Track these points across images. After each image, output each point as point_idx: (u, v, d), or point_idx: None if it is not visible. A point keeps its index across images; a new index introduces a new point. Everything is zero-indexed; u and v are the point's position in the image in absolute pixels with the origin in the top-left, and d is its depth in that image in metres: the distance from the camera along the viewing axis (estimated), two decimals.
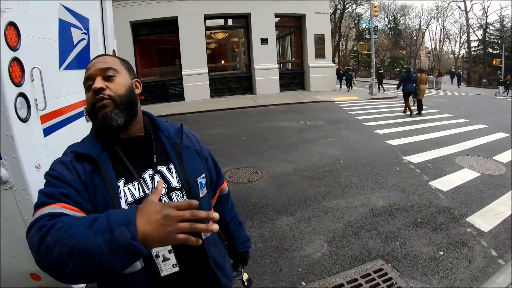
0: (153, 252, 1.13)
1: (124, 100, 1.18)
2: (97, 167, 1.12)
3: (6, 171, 1.98)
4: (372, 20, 22.41)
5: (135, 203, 1.14)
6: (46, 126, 2.38)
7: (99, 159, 1.13)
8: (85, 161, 1.13)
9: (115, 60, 1.24)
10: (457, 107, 15.58)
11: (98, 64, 1.19)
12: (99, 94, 1.14)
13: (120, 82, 1.19)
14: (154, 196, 0.93)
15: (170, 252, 1.16)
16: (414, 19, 61.67)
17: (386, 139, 8.60)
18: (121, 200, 1.13)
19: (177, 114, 13.55)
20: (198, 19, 17.29)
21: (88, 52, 3.40)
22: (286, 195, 5.17)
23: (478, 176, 5.88)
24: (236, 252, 1.64)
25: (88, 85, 1.17)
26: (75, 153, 1.15)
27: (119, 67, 1.22)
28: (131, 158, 1.21)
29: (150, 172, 1.22)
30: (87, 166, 1.12)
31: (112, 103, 1.15)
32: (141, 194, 1.16)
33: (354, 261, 3.49)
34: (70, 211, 0.99)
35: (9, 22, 1.94)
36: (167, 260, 1.15)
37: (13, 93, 1.96)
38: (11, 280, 2.24)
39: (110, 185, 1.11)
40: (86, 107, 1.19)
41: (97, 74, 1.17)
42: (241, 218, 1.69)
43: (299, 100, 16.46)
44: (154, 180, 1.21)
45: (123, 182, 1.16)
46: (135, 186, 1.17)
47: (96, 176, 1.12)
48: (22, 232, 2.00)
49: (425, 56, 64.14)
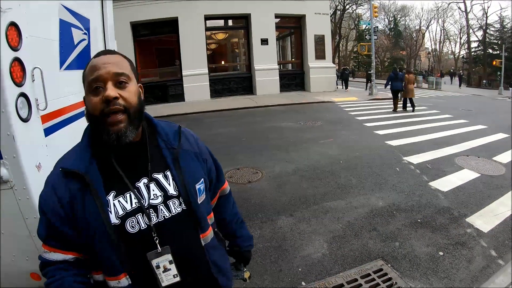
0: (153, 263, 1.13)
1: (136, 111, 1.14)
2: (85, 184, 1.10)
3: (6, 170, 1.98)
4: (372, 20, 22.46)
5: (127, 215, 1.12)
6: (47, 126, 2.38)
7: (86, 175, 1.10)
8: (71, 178, 1.11)
9: (126, 63, 1.17)
10: (456, 107, 15.59)
11: (110, 67, 1.10)
12: (114, 105, 1.07)
13: (132, 90, 1.14)
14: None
15: (171, 263, 1.15)
16: (414, 20, 61.90)
17: (386, 140, 8.61)
18: (111, 214, 1.10)
19: (177, 114, 13.56)
20: (198, 19, 17.30)
21: (89, 52, 3.40)
22: (286, 196, 5.17)
23: (478, 177, 5.88)
24: (239, 251, 1.62)
25: (95, 87, 1.09)
26: (63, 170, 1.12)
27: (130, 72, 1.15)
28: (125, 166, 1.16)
29: (145, 180, 1.18)
30: (73, 184, 1.11)
31: (126, 117, 1.10)
32: (133, 205, 1.13)
33: (354, 262, 3.49)
34: (57, 254, 1.15)
35: (10, 22, 1.94)
36: (168, 270, 1.15)
37: (14, 93, 1.96)
38: (11, 279, 2.24)
39: (99, 200, 1.09)
40: (90, 111, 1.11)
41: (109, 79, 1.09)
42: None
43: (299, 100, 16.50)
44: (150, 189, 1.17)
45: (113, 195, 1.13)
46: (126, 198, 1.13)
47: (85, 192, 1.10)
48: (22, 232, 2.04)
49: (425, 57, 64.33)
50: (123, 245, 1.10)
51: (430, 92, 27.00)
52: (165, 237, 1.15)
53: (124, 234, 1.10)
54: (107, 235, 1.07)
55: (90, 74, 1.10)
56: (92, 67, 1.11)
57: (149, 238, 1.12)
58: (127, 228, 1.11)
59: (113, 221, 1.10)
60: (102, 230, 1.08)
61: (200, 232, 1.24)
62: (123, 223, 1.11)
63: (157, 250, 1.13)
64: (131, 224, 1.12)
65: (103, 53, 1.17)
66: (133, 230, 1.11)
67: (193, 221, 1.22)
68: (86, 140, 1.18)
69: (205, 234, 1.26)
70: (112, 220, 1.10)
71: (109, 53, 1.18)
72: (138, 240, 1.12)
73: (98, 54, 1.17)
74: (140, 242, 1.12)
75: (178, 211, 1.19)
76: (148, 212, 1.14)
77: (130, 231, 1.11)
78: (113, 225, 1.09)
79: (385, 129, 10.02)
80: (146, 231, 1.12)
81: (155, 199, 1.17)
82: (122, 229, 1.10)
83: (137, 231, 1.12)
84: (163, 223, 1.16)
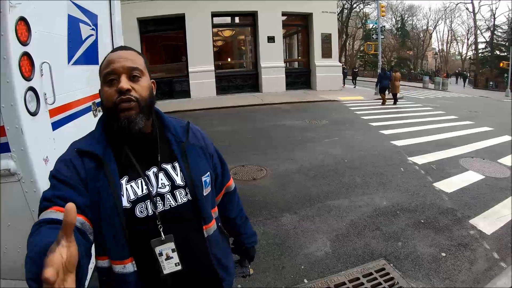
0: (156, 251, 1.15)
1: (147, 103, 1.19)
2: (100, 164, 1.13)
3: (14, 163, 2.01)
4: (379, 20, 22.39)
5: (138, 200, 1.15)
6: (54, 120, 2.41)
7: (103, 157, 1.14)
8: (87, 158, 1.14)
9: (141, 60, 1.23)
10: (462, 109, 15.48)
11: (125, 61, 1.16)
12: (126, 95, 1.13)
13: (144, 84, 1.19)
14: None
15: (173, 251, 1.17)
16: (421, 20, 61.62)
17: (391, 140, 8.59)
18: (123, 198, 1.14)
19: (183, 111, 13.59)
20: (205, 16, 17.29)
21: (96, 48, 3.42)
22: (290, 194, 5.18)
23: (483, 179, 5.86)
24: (243, 248, 1.64)
25: (110, 79, 1.15)
26: (79, 150, 1.15)
27: (143, 67, 1.21)
28: (137, 155, 1.21)
29: (155, 169, 1.22)
30: (89, 163, 1.13)
31: (137, 106, 1.15)
32: (144, 191, 1.17)
33: (357, 260, 3.50)
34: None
35: (19, 17, 1.97)
36: (170, 258, 1.17)
37: (23, 87, 1.99)
38: (17, 272, 2.27)
39: (113, 182, 1.12)
40: (104, 102, 1.17)
41: (123, 72, 1.15)
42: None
43: (304, 99, 16.46)
44: (158, 178, 1.21)
45: (126, 180, 1.17)
46: (138, 184, 1.18)
47: (99, 173, 1.13)
48: (29, 224, 2.05)
49: (432, 57, 63.91)
50: (131, 229, 1.13)
51: (437, 93, 26.82)
52: (169, 225, 1.18)
53: (132, 218, 1.14)
54: (118, 217, 1.10)
55: (106, 67, 1.17)
56: (108, 61, 1.17)
57: (153, 226, 1.15)
58: (136, 213, 1.14)
59: (124, 204, 1.13)
60: (113, 212, 1.10)
61: (203, 223, 1.27)
62: (133, 208, 1.14)
63: (161, 238, 1.16)
64: (140, 209, 1.15)
65: (119, 49, 1.24)
66: (141, 215, 1.15)
67: (197, 212, 1.25)
68: (100, 129, 1.22)
69: (208, 226, 1.28)
70: (124, 204, 1.13)
71: (125, 49, 1.25)
72: (143, 226, 1.15)
73: (115, 49, 1.24)
74: (145, 228, 1.15)
75: (184, 201, 1.22)
76: (155, 200, 1.17)
77: (139, 215, 1.15)
78: (124, 208, 1.13)
79: (391, 129, 9.99)
80: (151, 218, 1.16)
81: (163, 187, 1.21)
82: (131, 212, 1.14)
83: (145, 216, 1.15)
84: (168, 211, 1.19)
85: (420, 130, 9.90)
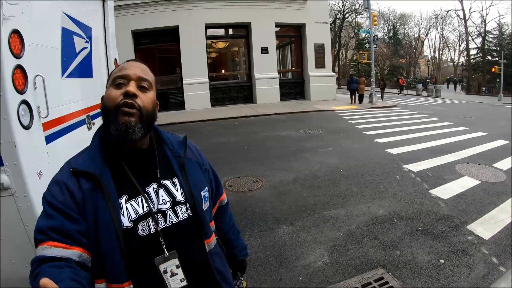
0: (161, 268, 1.13)
1: (149, 116, 1.18)
2: (97, 185, 1.11)
3: (7, 177, 1.98)
4: (371, 29, 22.61)
5: (140, 219, 1.13)
6: (48, 133, 2.39)
7: (100, 177, 1.12)
8: (83, 178, 1.11)
9: (152, 75, 1.25)
10: (456, 115, 15.62)
11: (137, 70, 1.19)
12: (131, 99, 1.13)
13: (150, 97, 1.20)
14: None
15: (177, 267, 1.15)
16: (413, 28, 62.05)
17: (386, 148, 8.61)
18: (123, 217, 1.11)
19: (177, 123, 13.58)
20: (199, 28, 17.42)
21: (90, 60, 3.42)
22: (286, 204, 5.16)
23: (479, 184, 5.88)
24: (236, 260, 1.63)
25: (118, 82, 1.16)
26: (74, 170, 1.12)
27: (153, 82, 1.24)
28: (135, 171, 1.19)
29: (155, 186, 1.21)
30: (85, 184, 1.11)
31: (139, 115, 1.14)
32: (145, 209, 1.15)
33: (355, 270, 3.48)
34: (59, 249, 1.02)
35: (13, 30, 1.96)
36: (175, 275, 1.15)
37: (16, 100, 1.97)
38: (11, 286, 2.23)
39: (111, 203, 1.10)
40: (107, 103, 1.15)
41: (134, 79, 1.17)
42: (241, 227, 1.69)
43: (299, 109, 16.53)
44: (158, 194, 1.20)
45: (126, 199, 1.14)
46: (138, 202, 1.15)
47: (97, 194, 1.10)
48: (22, 239, 2.03)
49: (424, 65, 64.61)
50: (131, 250, 1.10)
51: (430, 100, 27.05)
52: (171, 242, 1.16)
53: (134, 237, 1.11)
54: (116, 238, 1.08)
55: (118, 71, 1.20)
56: (121, 67, 1.21)
57: (156, 243, 1.14)
58: (138, 232, 1.12)
59: (125, 224, 1.11)
60: (112, 233, 1.08)
61: (205, 238, 1.26)
62: (135, 226, 1.12)
63: (165, 255, 1.14)
64: (142, 228, 1.13)
65: (134, 60, 1.28)
66: (143, 233, 1.13)
67: (198, 227, 1.24)
68: (96, 144, 1.20)
69: (209, 240, 1.28)
70: (125, 223, 1.11)
71: (139, 61, 1.28)
72: (144, 244, 1.12)
73: (130, 60, 1.28)
74: (147, 247, 1.13)
75: (185, 217, 1.21)
76: (156, 217, 1.16)
77: (141, 233, 1.13)
78: (124, 229, 1.10)
79: (385, 137, 10.02)
80: (153, 235, 1.14)
81: (164, 204, 1.19)
82: (134, 232, 1.12)
83: (147, 234, 1.13)
84: (170, 228, 1.17)
85: (414, 138, 9.94)
